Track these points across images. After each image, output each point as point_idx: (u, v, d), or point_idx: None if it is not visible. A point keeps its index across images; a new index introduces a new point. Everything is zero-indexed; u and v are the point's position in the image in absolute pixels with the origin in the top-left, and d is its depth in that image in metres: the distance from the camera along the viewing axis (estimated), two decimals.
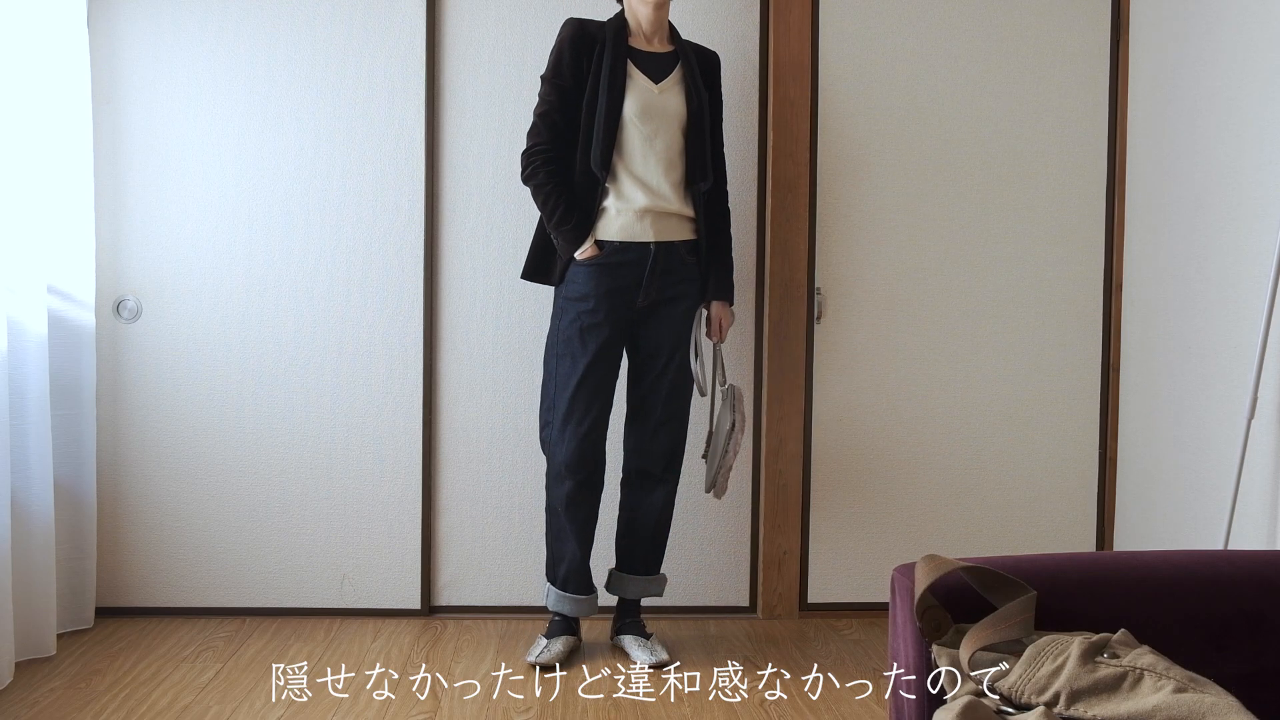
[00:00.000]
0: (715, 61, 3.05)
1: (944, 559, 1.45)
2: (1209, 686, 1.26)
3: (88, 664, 2.90)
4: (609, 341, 2.91)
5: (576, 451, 2.90)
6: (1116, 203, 3.41)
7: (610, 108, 2.83)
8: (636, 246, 2.88)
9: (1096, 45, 3.40)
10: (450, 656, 3.02)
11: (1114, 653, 1.33)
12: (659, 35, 2.94)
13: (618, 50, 2.86)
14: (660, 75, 2.91)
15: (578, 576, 3.00)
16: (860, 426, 3.41)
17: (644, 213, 2.87)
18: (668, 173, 2.88)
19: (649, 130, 2.86)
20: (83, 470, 3.11)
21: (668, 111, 2.88)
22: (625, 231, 2.88)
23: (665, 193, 2.88)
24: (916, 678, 1.44)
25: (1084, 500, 3.47)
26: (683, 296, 2.96)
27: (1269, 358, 2.61)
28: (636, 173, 2.87)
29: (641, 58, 2.91)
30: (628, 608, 3.09)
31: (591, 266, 2.87)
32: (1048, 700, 1.29)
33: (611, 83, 2.83)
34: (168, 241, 3.28)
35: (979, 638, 1.37)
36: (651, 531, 3.05)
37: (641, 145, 2.86)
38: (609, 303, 2.88)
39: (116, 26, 3.24)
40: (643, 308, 2.92)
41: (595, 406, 2.92)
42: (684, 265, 2.94)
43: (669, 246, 2.91)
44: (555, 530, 3.01)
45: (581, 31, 2.89)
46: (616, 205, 2.88)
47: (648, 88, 2.88)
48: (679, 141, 2.90)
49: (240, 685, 2.78)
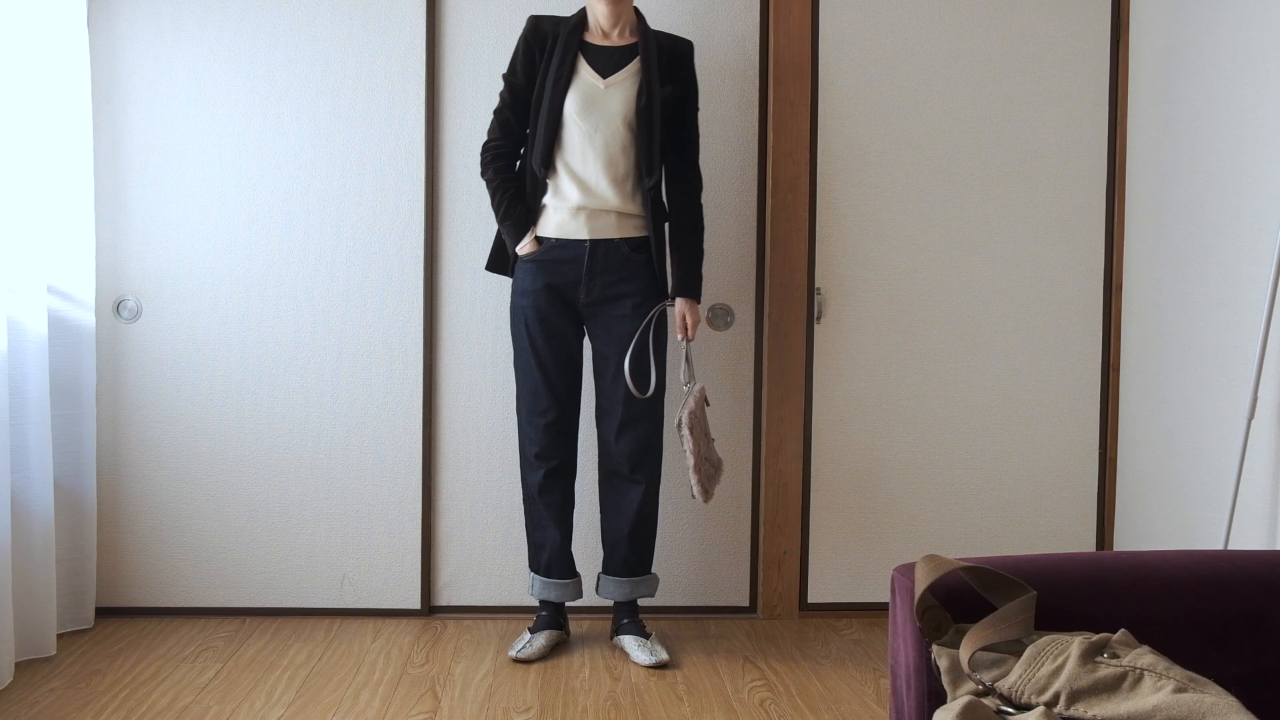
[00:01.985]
0: (685, 50, 2.99)
1: (944, 559, 1.45)
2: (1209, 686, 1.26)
3: (88, 664, 2.90)
4: (556, 335, 2.95)
5: (541, 441, 3.00)
6: (1116, 203, 3.41)
7: (552, 104, 2.86)
8: (573, 244, 2.91)
9: (1096, 45, 3.40)
10: (450, 656, 3.02)
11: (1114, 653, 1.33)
12: (619, 29, 2.93)
13: (569, 46, 2.89)
14: (611, 70, 2.90)
15: (559, 561, 3.06)
16: (860, 426, 3.41)
17: (578, 210, 2.89)
18: (607, 169, 2.88)
19: (588, 127, 2.87)
20: (83, 470, 3.11)
21: (610, 107, 2.88)
22: (561, 228, 2.91)
23: (603, 190, 2.88)
24: (916, 678, 1.44)
25: (1084, 500, 3.47)
26: (628, 295, 2.93)
27: (1269, 358, 2.62)
28: (575, 169, 2.89)
29: (595, 52, 2.91)
30: (623, 608, 3.09)
31: (532, 262, 2.93)
32: (1048, 700, 1.29)
33: (556, 79, 2.86)
34: (168, 241, 3.28)
35: (979, 638, 1.37)
36: (628, 534, 3.03)
37: (581, 142, 2.88)
38: (549, 298, 2.93)
39: (116, 26, 3.24)
40: (588, 305, 2.94)
41: (553, 398, 2.97)
42: (628, 263, 2.92)
43: (608, 244, 2.91)
44: (533, 518, 3.07)
45: (536, 28, 2.94)
46: (554, 202, 2.92)
47: (593, 83, 2.88)
48: (624, 137, 2.88)
49: (240, 685, 2.78)
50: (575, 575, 3.11)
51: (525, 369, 2.99)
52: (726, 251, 3.35)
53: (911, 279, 3.40)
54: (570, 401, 3.02)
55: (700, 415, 2.95)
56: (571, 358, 3.01)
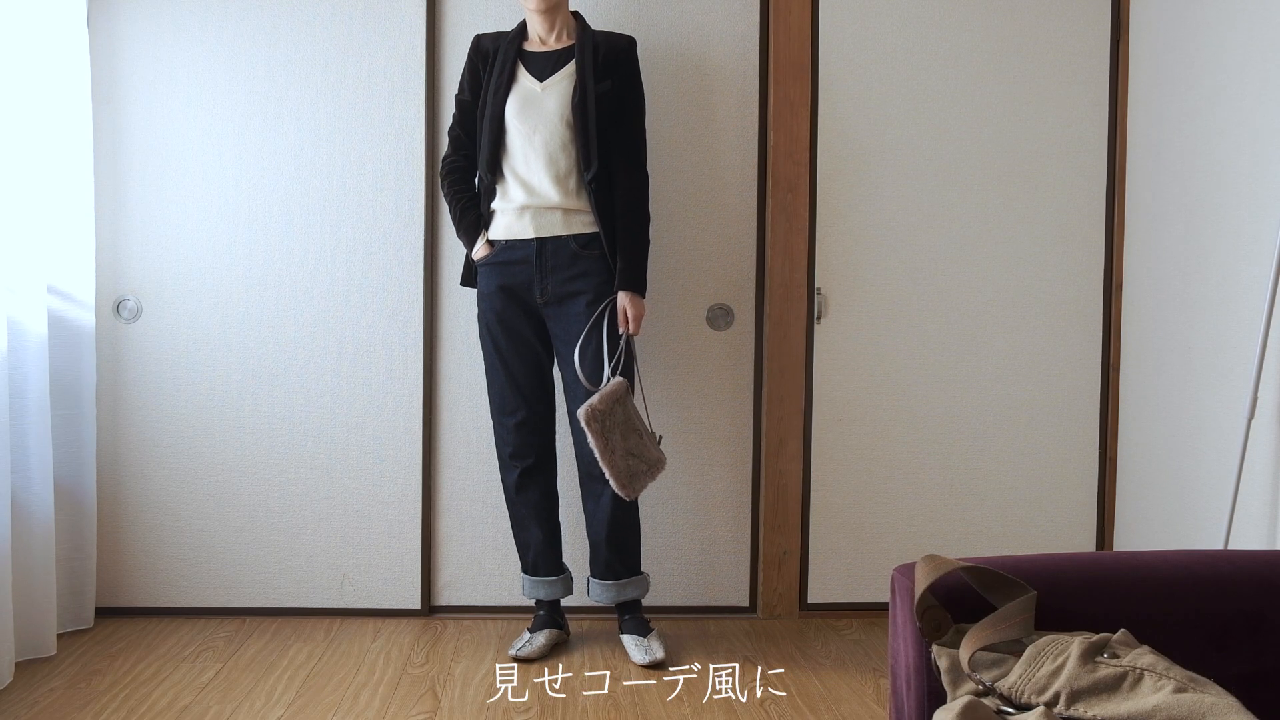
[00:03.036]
0: (625, 46, 3.02)
1: (944, 559, 1.45)
2: (1209, 686, 1.26)
3: (88, 664, 2.90)
4: (516, 336, 2.99)
5: (513, 441, 3.04)
6: (1116, 203, 3.41)
7: (493, 111, 2.94)
8: (520, 244, 2.95)
9: (1096, 45, 3.40)
10: (450, 656, 3.02)
11: (1114, 653, 1.33)
12: (556, 34, 2.99)
13: (507, 55, 2.97)
14: (549, 72, 2.95)
15: (545, 559, 3.09)
16: (860, 426, 3.41)
17: (523, 210, 2.94)
18: (549, 168, 2.91)
19: (527, 128, 2.92)
20: (83, 470, 3.11)
21: (546, 107, 2.92)
22: (509, 230, 2.96)
23: (545, 189, 2.91)
24: (916, 678, 1.44)
25: (1084, 500, 3.47)
26: (583, 292, 2.94)
27: (1269, 358, 2.62)
28: (519, 171, 2.94)
29: (532, 58, 2.98)
30: (623, 607, 3.09)
31: (488, 266, 3.00)
32: (1048, 700, 1.29)
33: (497, 87, 2.95)
34: (168, 241, 3.28)
35: (979, 638, 1.37)
36: (605, 538, 3.02)
37: (522, 144, 2.93)
38: (505, 299, 2.97)
39: (116, 26, 3.24)
40: (545, 305, 2.96)
41: (522, 398, 3.01)
42: (580, 260, 2.93)
43: (555, 241, 2.93)
44: (516, 518, 3.11)
45: (477, 46, 3.05)
46: (501, 205, 2.98)
47: (530, 87, 2.95)
48: (563, 135, 2.92)
49: (240, 685, 2.78)
50: (563, 571, 3.13)
51: (492, 370, 3.04)
52: (726, 251, 3.36)
53: (911, 279, 3.40)
54: (539, 401, 3.04)
55: (612, 410, 2.84)
56: (536, 357, 3.03)
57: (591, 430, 2.80)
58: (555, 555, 3.11)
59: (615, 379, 2.90)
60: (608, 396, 2.84)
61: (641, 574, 3.10)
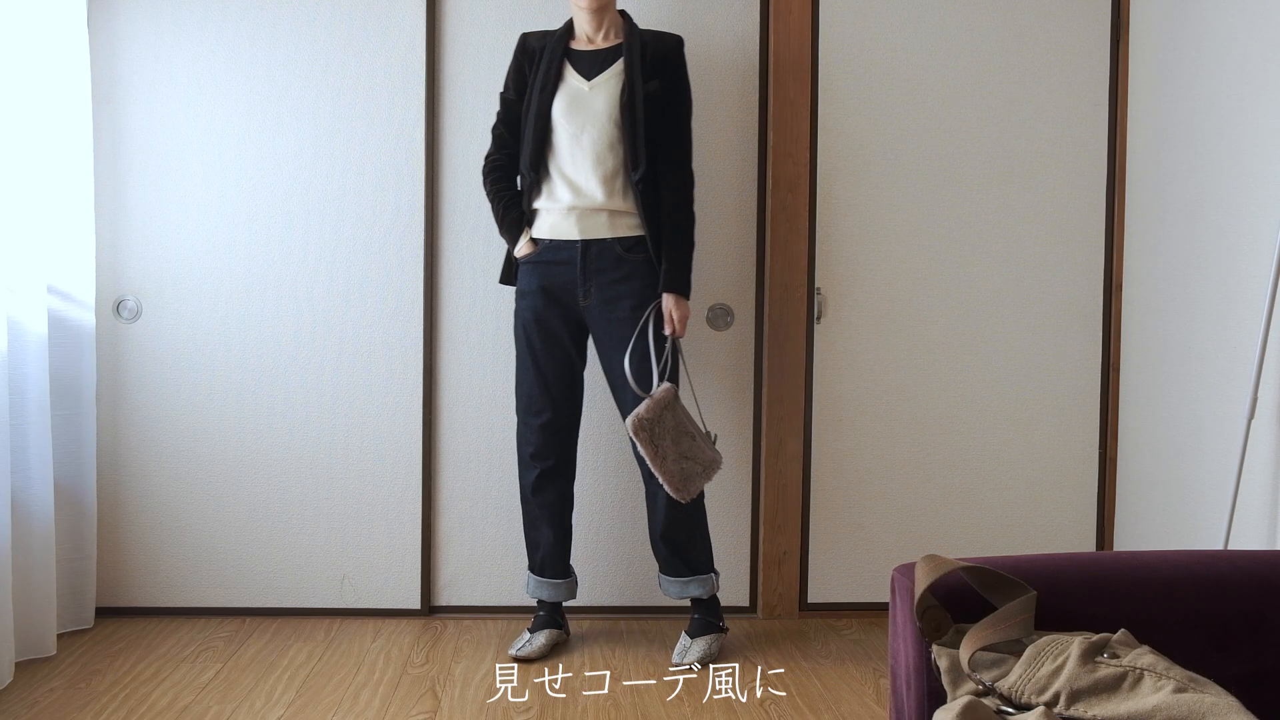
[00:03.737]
0: (673, 45, 2.99)
1: (944, 559, 1.45)
2: (1209, 686, 1.26)
3: (88, 664, 2.90)
4: (552, 337, 2.97)
5: (536, 441, 3.02)
6: (1116, 203, 3.41)
7: (539, 110, 2.92)
8: (565, 244, 2.93)
9: (1096, 45, 3.40)
10: (450, 656, 3.02)
11: (1114, 653, 1.33)
12: (604, 33, 2.97)
13: (554, 54, 2.95)
14: (596, 71, 2.93)
15: (553, 561, 3.07)
16: (860, 426, 3.41)
17: (569, 210, 2.92)
18: (596, 168, 2.89)
19: (574, 128, 2.90)
20: (83, 470, 3.11)
21: (594, 107, 2.90)
22: (554, 230, 2.95)
23: (592, 189, 2.90)
24: (916, 678, 1.44)
25: (1084, 500, 3.47)
26: (627, 295, 2.92)
27: (1269, 358, 2.61)
28: (565, 171, 2.92)
29: (579, 57, 2.96)
30: (695, 604, 3.08)
31: (529, 265, 2.98)
32: (1048, 700, 1.29)
33: (543, 85, 2.93)
34: (168, 241, 3.28)
35: (979, 638, 1.37)
36: (661, 536, 3.03)
37: (569, 143, 2.91)
38: (547, 299, 2.96)
39: (116, 26, 3.24)
40: (588, 308, 2.94)
41: (550, 399, 3.00)
42: (624, 262, 2.92)
43: (600, 244, 2.92)
44: (529, 517, 3.09)
45: (523, 44, 3.03)
46: (546, 204, 2.96)
47: (578, 86, 2.93)
48: (610, 135, 2.90)
49: (240, 685, 2.78)
50: (569, 575, 3.12)
51: (522, 370, 3.02)
52: (726, 251, 3.36)
53: (911, 279, 3.40)
54: (566, 404, 3.03)
55: (660, 417, 2.85)
56: (569, 360, 3.01)
57: (640, 439, 2.82)
58: (563, 558, 3.10)
59: (663, 385, 2.90)
60: (655, 404, 2.85)
61: (707, 573, 3.06)
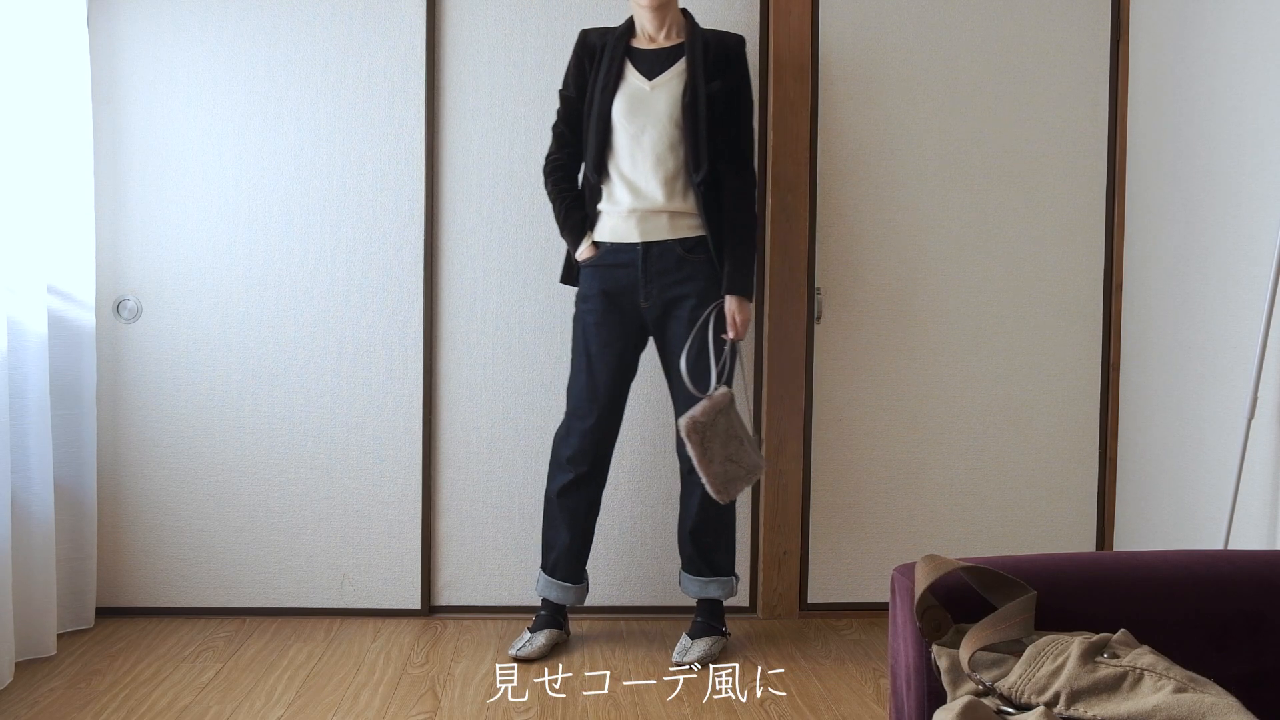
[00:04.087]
0: (735, 45, 2.97)
1: (944, 559, 1.45)
2: (1209, 686, 1.26)
3: (88, 664, 2.90)
4: (610, 344, 2.95)
5: (578, 446, 2.99)
6: (1116, 203, 3.41)
7: (600, 110, 2.89)
8: (626, 247, 2.92)
9: (1096, 45, 3.40)
10: (450, 656, 3.02)
11: (1114, 653, 1.33)
12: (665, 32, 2.95)
13: (615, 53, 2.92)
14: (658, 71, 2.91)
15: (565, 564, 3.05)
16: (860, 426, 3.41)
17: (630, 213, 2.90)
18: (657, 169, 2.88)
19: (635, 128, 2.88)
20: (83, 470, 3.11)
21: (655, 107, 2.88)
22: (615, 232, 2.93)
23: (653, 191, 2.88)
24: (916, 678, 1.44)
25: (1084, 500, 3.47)
26: (688, 296, 2.92)
27: (1269, 358, 2.61)
28: (625, 172, 2.90)
29: (641, 56, 2.93)
30: (701, 604, 3.08)
31: (590, 268, 2.96)
32: (1048, 700, 1.29)
33: (604, 85, 2.89)
34: (168, 241, 3.28)
35: (979, 638, 1.37)
36: (690, 533, 3.03)
37: (629, 144, 2.89)
38: (608, 303, 2.94)
39: (116, 26, 3.24)
40: (650, 309, 2.93)
41: (599, 405, 2.97)
42: (685, 264, 2.91)
43: (661, 246, 2.91)
44: (549, 517, 3.07)
45: (584, 42, 2.98)
46: (608, 207, 2.94)
47: (639, 86, 2.90)
48: (671, 136, 2.88)
49: (240, 685, 2.78)
50: (581, 581, 3.10)
51: (576, 373, 3.00)
52: None
53: (911, 279, 3.40)
54: (611, 413, 3.00)
55: (714, 420, 2.85)
56: (623, 368, 2.99)
57: (691, 441, 2.81)
58: (577, 563, 3.08)
59: (721, 389, 2.90)
60: (710, 408, 2.84)
61: (729, 576, 3.08)
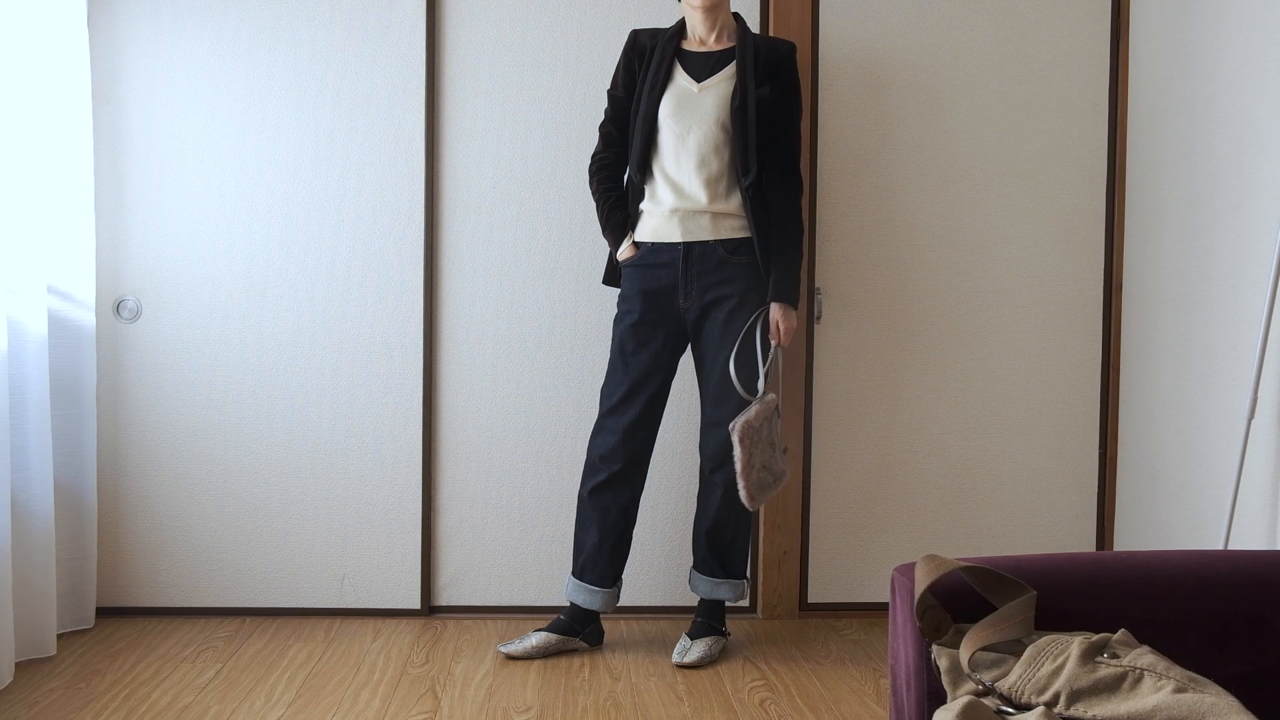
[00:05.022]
0: (786, 52, 2.97)
1: (944, 559, 1.45)
2: (1209, 686, 1.26)
3: (88, 664, 2.90)
4: (647, 344, 2.94)
5: (613, 443, 2.96)
6: (1116, 203, 3.41)
7: (647, 110, 2.90)
8: (668, 248, 2.91)
9: (1096, 45, 3.40)
10: (450, 656, 3.02)
11: (1114, 653, 1.33)
12: (716, 34, 2.94)
13: (664, 53, 2.93)
14: (707, 74, 2.91)
15: (594, 566, 3.00)
16: (860, 427, 3.41)
17: (673, 213, 2.90)
18: (700, 170, 2.87)
19: (680, 129, 2.88)
20: (83, 470, 3.11)
21: (703, 108, 2.88)
22: (656, 233, 2.93)
23: (696, 192, 2.88)
24: (916, 678, 1.44)
25: (1084, 500, 3.47)
26: (728, 298, 2.90)
27: (1269, 358, 2.62)
28: (669, 172, 2.90)
29: (691, 58, 2.94)
30: (705, 604, 3.08)
31: (631, 268, 2.96)
32: (1048, 700, 1.29)
33: (652, 86, 2.90)
34: (168, 241, 3.28)
35: (979, 638, 1.37)
36: (706, 533, 3.03)
37: (674, 144, 2.89)
38: (647, 303, 2.93)
39: (116, 26, 3.24)
40: (690, 309, 2.92)
41: (636, 404, 2.95)
42: (727, 265, 2.90)
43: (704, 246, 2.90)
44: (581, 518, 3.04)
45: (634, 42, 2.99)
46: (650, 207, 2.94)
47: (687, 87, 2.90)
48: (717, 138, 2.87)
49: (240, 685, 2.78)
50: (611, 585, 3.03)
51: (611, 371, 2.99)
52: None
53: (911, 279, 3.40)
54: (648, 414, 2.97)
55: (762, 426, 2.87)
56: (660, 367, 2.97)
57: (743, 446, 2.82)
58: (608, 565, 3.01)
59: (769, 395, 2.91)
60: (762, 413, 2.86)
61: (740, 579, 3.07)
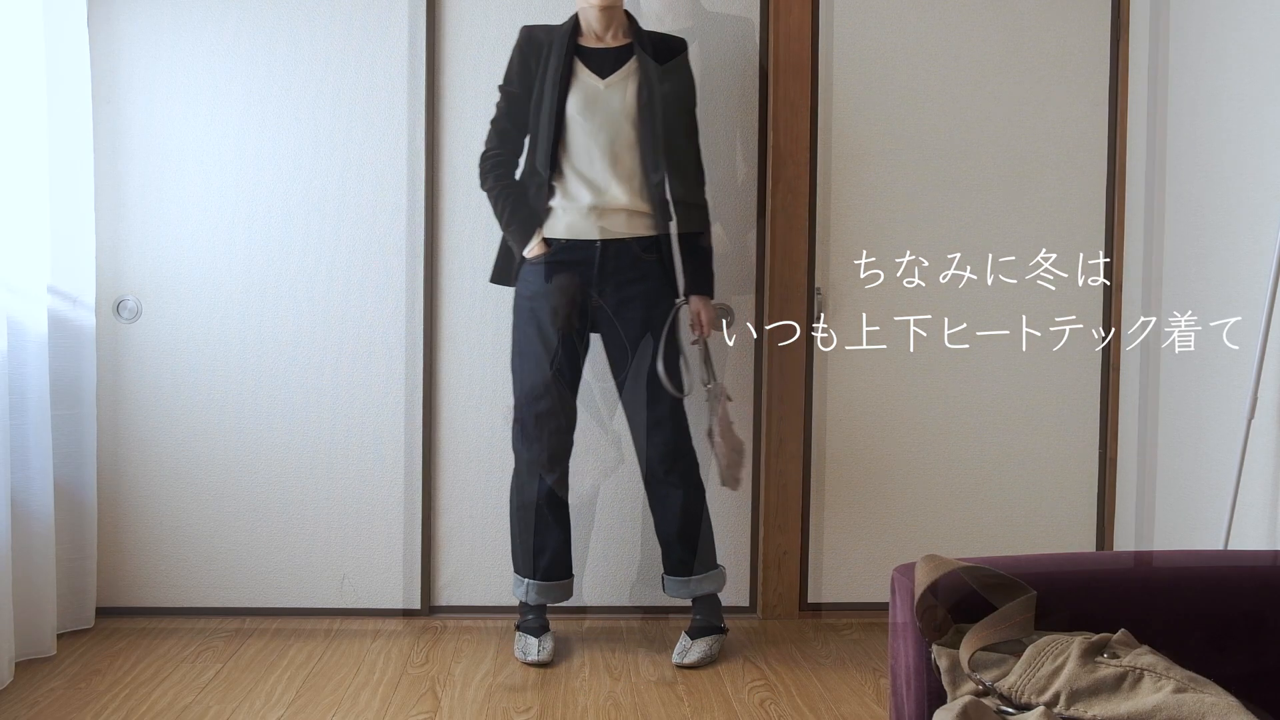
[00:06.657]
0: (679, 48, 2.99)
1: (944, 559, 1.45)
2: (1209, 686, 1.26)
3: (88, 664, 2.90)
4: (561, 334, 2.93)
5: (548, 448, 2.96)
6: (1116, 203, 3.41)
7: (553, 106, 2.87)
8: (583, 244, 2.90)
9: (1096, 45, 3.40)
10: (450, 656, 3.02)
11: (1114, 653, 1.33)
12: (612, 31, 2.94)
13: (564, 50, 2.90)
14: (609, 70, 2.91)
15: (558, 563, 3.05)
16: (860, 426, 3.41)
17: (590, 210, 2.89)
18: (614, 168, 2.87)
19: (592, 126, 2.87)
20: (83, 470, 3.11)
21: (611, 105, 2.88)
22: (572, 229, 2.90)
23: (612, 189, 2.88)
24: (916, 678, 1.44)
25: (1084, 500, 3.47)
26: (639, 296, 2.92)
27: (1269, 358, 2.62)
28: (582, 170, 2.89)
29: (590, 55, 2.93)
30: (696, 603, 3.07)
31: (541, 265, 2.92)
32: (1048, 700, 1.29)
33: (555, 82, 2.88)
34: (168, 241, 3.28)
35: (979, 638, 1.37)
36: (678, 536, 3.02)
37: (586, 141, 2.88)
38: (559, 299, 2.91)
39: (116, 26, 3.24)
40: (601, 307, 2.93)
41: (560, 405, 2.96)
42: (640, 263, 2.92)
43: (619, 244, 2.91)
44: (535, 524, 3.03)
45: (529, 37, 2.96)
46: (563, 203, 2.91)
47: (592, 84, 2.89)
48: (627, 135, 2.88)
49: (240, 685, 2.78)
50: (571, 575, 3.10)
51: (531, 374, 2.96)
52: (726, 252, 3.35)
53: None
54: (567, 408, 2.99)
55: (727, 416, 2.93)
56: (575, 361, 2.99)
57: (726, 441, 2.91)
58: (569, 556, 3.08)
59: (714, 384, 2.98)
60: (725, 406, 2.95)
61: (719, 567, 3.08)
